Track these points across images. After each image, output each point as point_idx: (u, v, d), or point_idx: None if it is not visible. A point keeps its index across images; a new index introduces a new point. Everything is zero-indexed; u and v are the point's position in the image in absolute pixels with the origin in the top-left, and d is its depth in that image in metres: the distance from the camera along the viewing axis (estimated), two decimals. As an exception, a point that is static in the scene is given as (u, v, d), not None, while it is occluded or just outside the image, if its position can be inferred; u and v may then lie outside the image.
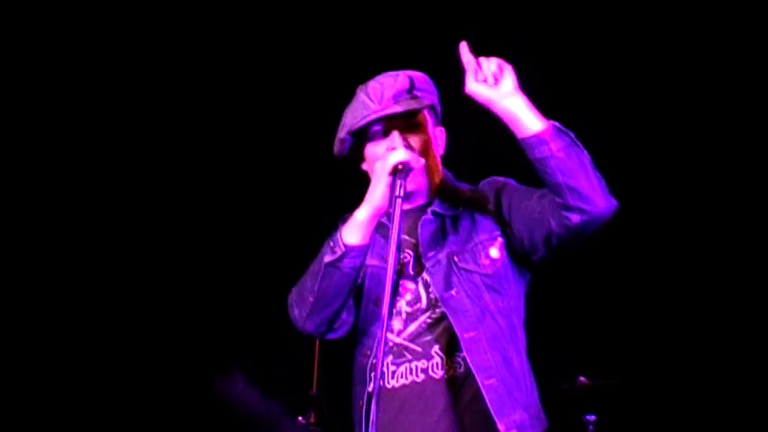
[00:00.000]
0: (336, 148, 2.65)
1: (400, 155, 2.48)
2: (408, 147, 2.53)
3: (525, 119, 2.31)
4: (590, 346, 4.13)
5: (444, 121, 2.81)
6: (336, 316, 2.56)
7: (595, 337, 4.22)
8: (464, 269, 2.52)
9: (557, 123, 2.33)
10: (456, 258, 2.53)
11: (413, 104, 2.57)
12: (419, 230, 2.56)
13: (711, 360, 4.15)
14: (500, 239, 2.55)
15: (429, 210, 2.59)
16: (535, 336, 2.71)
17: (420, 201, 2.64)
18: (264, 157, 5.11)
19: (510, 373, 2.49)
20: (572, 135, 2.34)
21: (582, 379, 3.64)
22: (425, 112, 2.62)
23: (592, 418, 3.65)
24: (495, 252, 2.54)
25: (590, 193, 2.32)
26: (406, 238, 2.59)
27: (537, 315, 2.80)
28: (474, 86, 2.30)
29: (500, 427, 2.43)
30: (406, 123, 2.58)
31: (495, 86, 2.30)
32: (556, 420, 3.47)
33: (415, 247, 2.58)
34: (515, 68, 2.46)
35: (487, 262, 2.54)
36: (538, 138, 2.29)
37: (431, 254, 2.55)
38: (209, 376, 4.47)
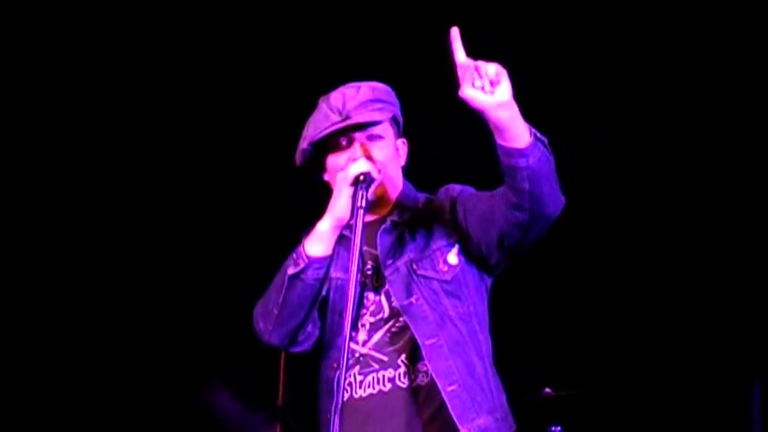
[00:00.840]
0: (298, 158, 2.67)
1: (361, 166, 2.51)
2: (369, 158, 2.56)
3: (514, 131, 2.30)
4: (555, 357, 4.15)
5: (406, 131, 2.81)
6: (301, 328, 2.58)
7: (560, 347, 4.24)
8: (423, 276, 2.54)
9: (535, 132, 2.33)
10: (414, 266, 2.55)
11: (374, 116, 2.60)
12: (378, 240, 2.60)
13: (676, 371, 4.19)
14: (457, 245, 2.57)
15: (388, 219, 2.62)
16: (501, 347, 2.72)
17: (381, 212, 2.66)
18: (228, 166, 5.13)
19: (473, 379, 2.51)
20: (545, 141, 2.36)
21: (547, 390, 3.65)
22: (387, 123, 2.65)
23: (557, 429, 3.66)
24: (453, 258, 2.56)
25: (547, 198, 2.36)
26: (368, 249, 2.60)
27: (502, 325, 2.82)
28: (470, 92, 2.26)
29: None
30: (367, 134, 2.60)
31: (492, 94, 2.27)
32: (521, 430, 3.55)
33: (376, 258, 2.61)
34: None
35: (446, 268, 2.56)
36: (520, 151, 2.30)
37: (389, 262, 2.57)
38: (191, 386, 4.48)
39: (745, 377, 3.83)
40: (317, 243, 2.52)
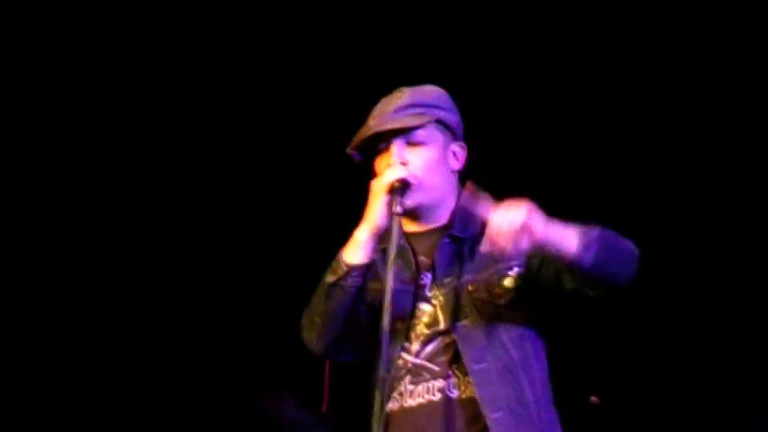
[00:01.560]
0: (353, 158, 2.66)
1: (395, 172, 2.49)
2: (404, 163, 2.54)
3: (559, 247, 2.29)
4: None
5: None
6: (344, 337, 2.58)
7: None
8: (477, 298, 2.52)
9: (584, 232, 2.32)
10: (470, 287, 2.53)
11: (406, 122, 2.57)
12: (437, 254, 2.57)
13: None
14: (517, 269, 2.53)
15: (447, 233, 2.59)
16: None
17: (437, 221, 2.64)
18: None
19: (521, 406, 2.49)
20: (597, 234, 2.34)
21: (593, 398, 3.73)
22: (433, 127, 2.60)
23: None
24: (510, 282, 2.53)
25: (615, 277, 2.36)
26: (424, 259, 2.59)
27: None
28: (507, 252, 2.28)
29: None
30: (407, 140, 2.57)
31: (517, 248, 2.27)
32: None
33: (433, 270, 2.58)
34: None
35: (501, 291, 2.53)
36: (573, 257, 2.29)
37: (447, 280, 2.55)
38: (255, 396, 4.52)
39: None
40: (355, 251, 2.51)
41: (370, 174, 2.64)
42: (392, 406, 2.51)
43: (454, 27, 5.06)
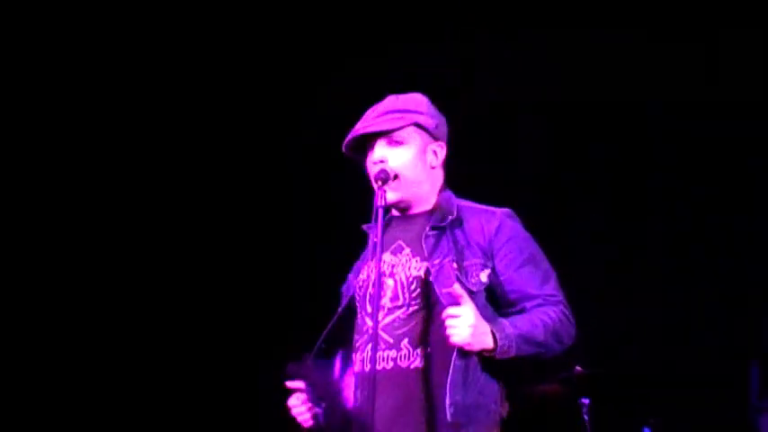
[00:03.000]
0: (347, 154, 3.00)
1: (375, 168, 2.86)
2: (383, 160, 2.87)
3: (480, 349, 2.67)
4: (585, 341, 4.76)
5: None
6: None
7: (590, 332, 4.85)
8: (458, 280, 2.77)
9: (502, 336, 2.68)
10: (455, 265, 2.80)
11: (384, 125, 2.89)
12: (423, 242, 2.87)
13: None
14: (488, 270, 2.84)
15: (430, 221, 2.90)
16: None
17: (419, 209, 2.96)
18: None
19: (468, 371, 2.78)
20: (516, 335, 2.70)
21: (578, 368, 4.17)
22: (412, 129, 2.90)
23: (586, 401, 4.18)
24: (484, 277, 2.83)
25: (542, 357, 2.78)
26: (401, 244, 2.92)
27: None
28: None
29: (448, 413, 2.72)
30: (388, 140, 2.89)
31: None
32: (554, 402, 4.29)
33: (407, 252, 2.91)
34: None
35: (475, 281, 2.81)
36: (498, 355, 2.68)
37: (435, 261, 2.83)
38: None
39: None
40: None
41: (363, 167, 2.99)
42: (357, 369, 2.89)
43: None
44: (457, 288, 2.69)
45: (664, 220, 5.21)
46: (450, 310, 2.65)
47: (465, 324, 2.62)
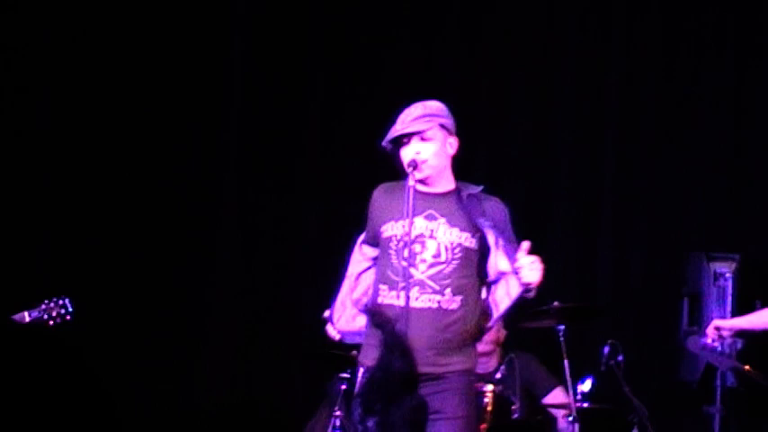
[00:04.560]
0: (384, 150, 3.86)
1: (410, 156, 3.76)
2: (417, 152, 3.74)
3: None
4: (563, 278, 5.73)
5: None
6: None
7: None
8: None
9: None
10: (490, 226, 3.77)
11: (419, 126, 3.77)
12: (436, 209, 3.78)
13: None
14: (479, 237, 3.78)
15: (454, 195, 3.80)
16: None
17: (439, 188, 3.81)
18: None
19: (473, 312, 3.80)
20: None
21: (556, 303, 4.97)
22: (436, 128, 3.78)
23: (561, 327, 4.99)
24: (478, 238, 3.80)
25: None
26: (433, 212, 3.77)
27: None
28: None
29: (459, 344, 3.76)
30: (420, 137, 3.79)
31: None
32: (537, 331, 5.08)
33: (443, 221, 3.77)
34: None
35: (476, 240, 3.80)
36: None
37: (478, 221, 3.77)
38: None
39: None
40: None
41: (396, 158, 3.80)
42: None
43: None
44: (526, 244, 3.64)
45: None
46: (529, 258, 3.60)
47: (540, 268, 3.62)
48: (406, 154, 3.78)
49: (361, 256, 3.97)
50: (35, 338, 3.02)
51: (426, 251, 3.75)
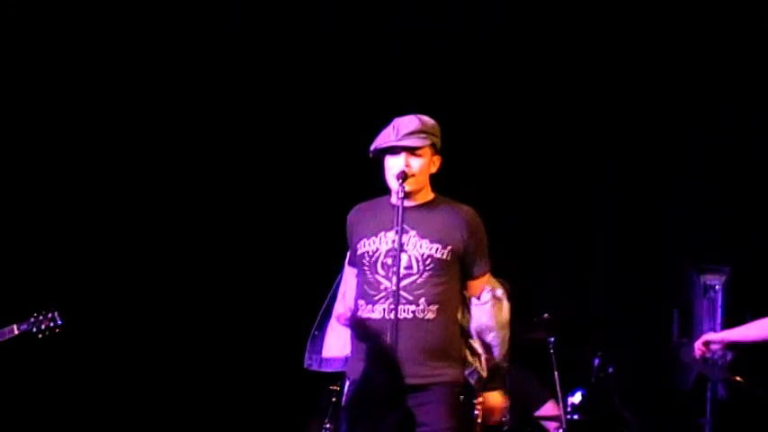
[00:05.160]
0: (370, 154, 3.91)
1: (401, 167, 3.83)
2: (408, 165, 3.83)
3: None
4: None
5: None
6: None
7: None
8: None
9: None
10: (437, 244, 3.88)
11: (415, 142, 3.85)
12: (416, 222, 3.86)
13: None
14: (450, 248, 3.87)
15: (428, 207, 3.90)
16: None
17: (419, 201, 3.90)
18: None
19: (450, 319, 3.88)
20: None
21: (546, 315, 5.14)
22: (427, 147, 3.87)
23: (552, 339, 5.10)
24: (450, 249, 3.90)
25: None
26: (404, 226, 3.82)
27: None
28: None
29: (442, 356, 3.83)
30: (410, 151, 3.87)
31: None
32: (528, 341, 5.11)
33: (413, 233, 3.86)
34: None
35: (447, 251, 3.89)
36: None
37: (447, 244, 3.87)
38: None
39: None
40: None
41: (380, 165, 3.87)
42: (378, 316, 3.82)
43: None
44: None
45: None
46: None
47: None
48: (395, 164, 3.87)
49: (349, 276, 4.09)
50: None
51: (406, 265, 3.84)
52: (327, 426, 4.75)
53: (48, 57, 5.87)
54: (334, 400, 4.73)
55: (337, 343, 4.13)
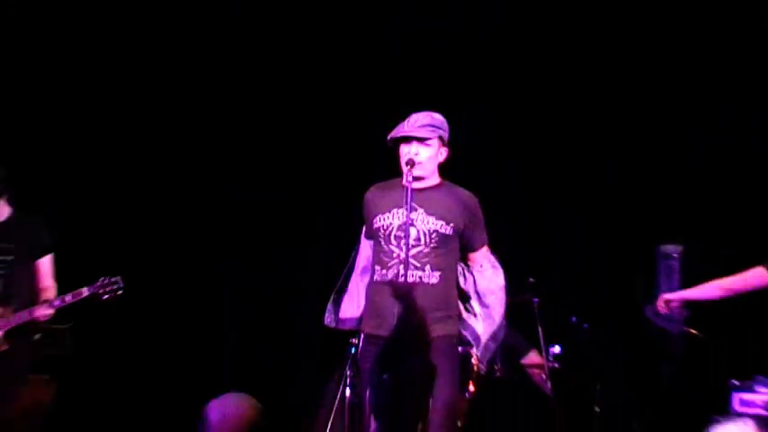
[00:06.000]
0: (388, 142, 4.38)
1: (410, 155, 4.30)
2: (416, 153, 4.30)
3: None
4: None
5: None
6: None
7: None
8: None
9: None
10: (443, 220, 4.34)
11: (423, 134, 4.33)
12: (424, 202, 4.31)
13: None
14: (452, 225, 4.33)
15: (435, 191, 4.37)
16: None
17: (427, 185, 4.36)
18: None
19: (448, 285, 4.37)
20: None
21: (530, 279, 5.72)
22: (435, 138, 4.35)
23: (536, 300, 5.71)
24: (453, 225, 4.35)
25: None
26: (414, 204, 4.26)
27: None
28: None
29: (442, 313, 4.30)
30: (421, 141, 4.35)
31: None
32: (516, 304, 5.35)
33: (421, 211, 4.33)
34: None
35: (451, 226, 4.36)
36: None
37: (430, 214, 4.32)
38: None
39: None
40: None
41: (395, 152, 4.32)
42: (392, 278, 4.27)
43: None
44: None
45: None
46: None
47: None
48: (407, 152, 4.37)
49: (365, 247, 4.58)
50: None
51: (414, 238, 4.34)
52: (348, 372, 5.40)
53: (50, 53, 6.17)
54: (353, 351, 5.27)
55: (351, 307, 4.57)
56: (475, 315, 4.47)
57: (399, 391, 4.17)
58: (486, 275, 4.50)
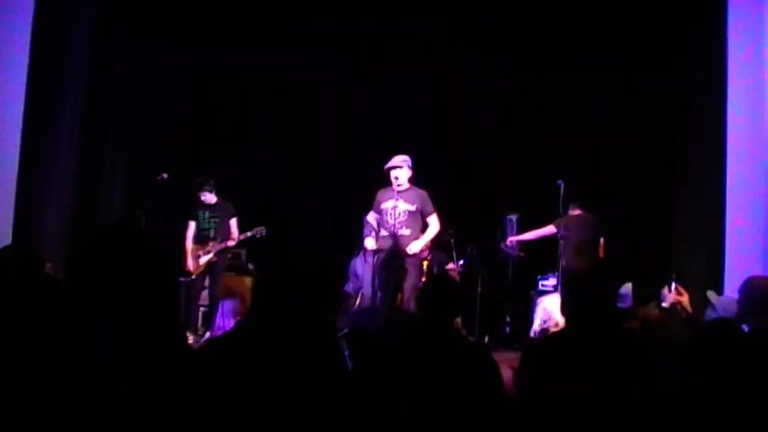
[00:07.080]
0: (384, 170, 8.78)
1: (395, 175, 8.82)
2: (397, 177, 8.72)
3: None
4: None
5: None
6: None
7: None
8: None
9: None
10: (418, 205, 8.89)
11: (401, 164, 8.74)
12: (403, 196, 8.81)
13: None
14: (416, 206, 8.73)
15: (407, 191, 8.88)
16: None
17: (402, 189, 8.77)
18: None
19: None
20: None
21: (451, 231, 11.20)
22: (406, 167, 8.77)
23: (452, 240, 10.66)
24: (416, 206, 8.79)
25: None
26: (400, 198, 8.81)
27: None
28: None
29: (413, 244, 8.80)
30: (399, 168, 8.77)
31: None
32: (441, 241, 10.47)
33: (401, 201, 8.81)
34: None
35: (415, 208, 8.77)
36: None
37: (407, 203, 8.87)
38: None
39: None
40: None
41: (388, 172, 8.75)
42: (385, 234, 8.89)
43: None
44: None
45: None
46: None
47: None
48: (394, 173, 8.79)
49: (372, 218, 8.98)
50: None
51: (397, 214, 8.76)
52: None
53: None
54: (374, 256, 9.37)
55: (372, 241, 9.05)
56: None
57: (389, 277, 9.00)
58: (433, 222, 9.01)
